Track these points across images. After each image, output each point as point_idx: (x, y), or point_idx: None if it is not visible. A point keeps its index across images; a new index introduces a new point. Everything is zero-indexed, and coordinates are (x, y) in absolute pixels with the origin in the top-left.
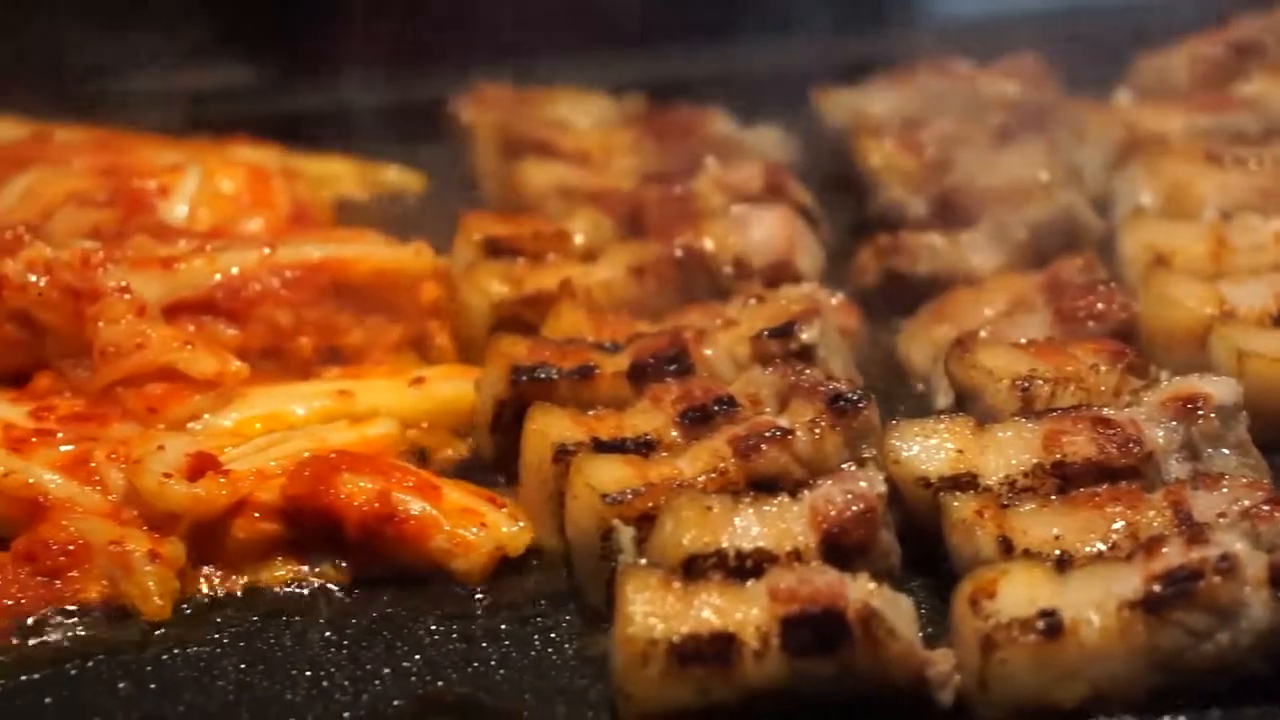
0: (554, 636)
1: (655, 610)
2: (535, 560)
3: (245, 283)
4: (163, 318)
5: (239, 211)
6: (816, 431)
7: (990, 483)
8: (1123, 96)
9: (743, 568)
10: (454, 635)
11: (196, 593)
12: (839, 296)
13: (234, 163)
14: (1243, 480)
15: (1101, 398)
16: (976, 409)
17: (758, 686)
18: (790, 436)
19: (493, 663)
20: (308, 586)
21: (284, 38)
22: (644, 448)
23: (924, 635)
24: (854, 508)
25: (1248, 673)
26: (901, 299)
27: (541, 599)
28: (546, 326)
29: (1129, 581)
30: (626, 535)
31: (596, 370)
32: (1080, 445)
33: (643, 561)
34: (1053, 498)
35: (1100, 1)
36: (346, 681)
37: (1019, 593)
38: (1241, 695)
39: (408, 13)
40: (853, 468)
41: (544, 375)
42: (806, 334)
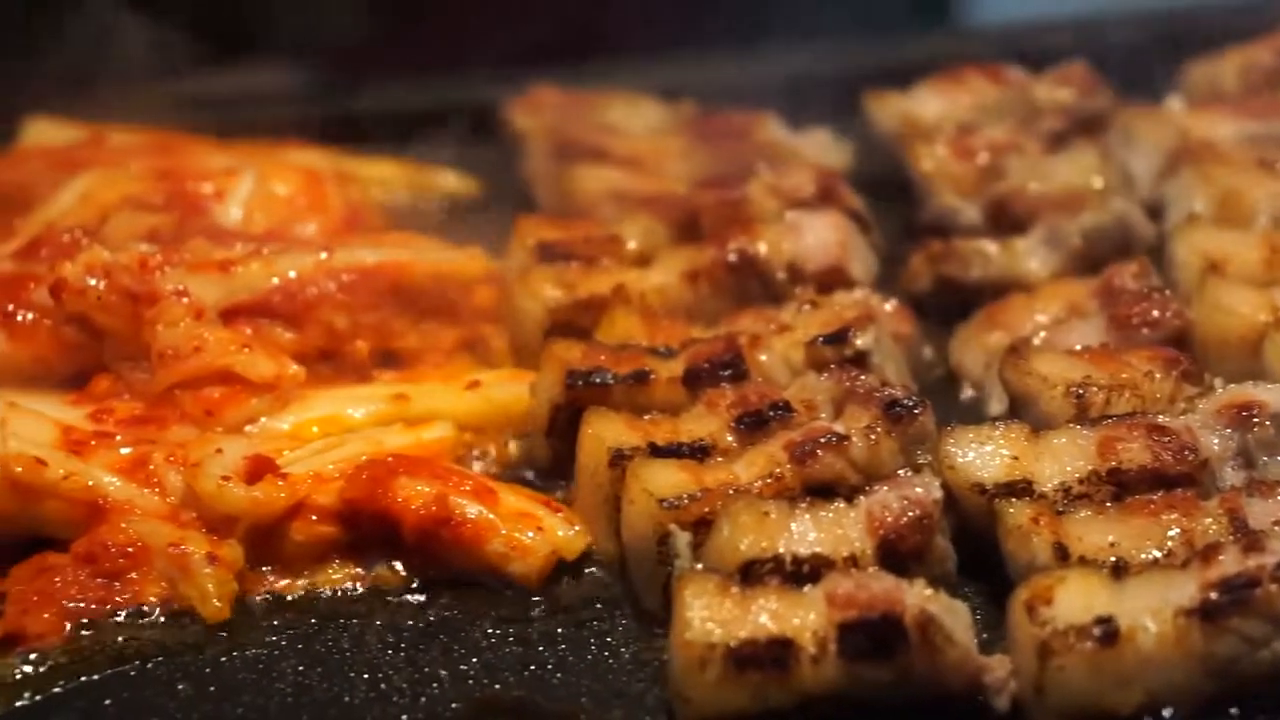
0: (610, 640)
1: (713, 615)
2: (590, 564)
3: (302, 286)
4: (220, 321)
5: (293, 215)
6: (872, 437)
7: (1045, 489)
8: (1174, 103)
9: (799, 573)
10: (510, 638)
11: (255, 595)
12: (893, 302)
13: (288, 166)
14: None
15: (1156, 405)
16: (1030, 415)
17: (814, 691)
18: (846, 442)
19: (549, 666)
20: (365, 589)
21: (336, 40)
22: (699, 453)
23: (979, 641)
24: (910, 513)
25: None
26: (954, 305)
27: (597, 603)
28: (600, 331)
29: (1185, 589)
30: (683, 540)
31: (651, 375)
32: (1135, 453)
33: (699, 566)
34: (1108, 505)
35: (1148, 7)
36: (404, 684)
37: (1075, 599)
38: None
39: (460, 15)
40: (908, 473)
41: (599, 380)
42: (861, 340)
